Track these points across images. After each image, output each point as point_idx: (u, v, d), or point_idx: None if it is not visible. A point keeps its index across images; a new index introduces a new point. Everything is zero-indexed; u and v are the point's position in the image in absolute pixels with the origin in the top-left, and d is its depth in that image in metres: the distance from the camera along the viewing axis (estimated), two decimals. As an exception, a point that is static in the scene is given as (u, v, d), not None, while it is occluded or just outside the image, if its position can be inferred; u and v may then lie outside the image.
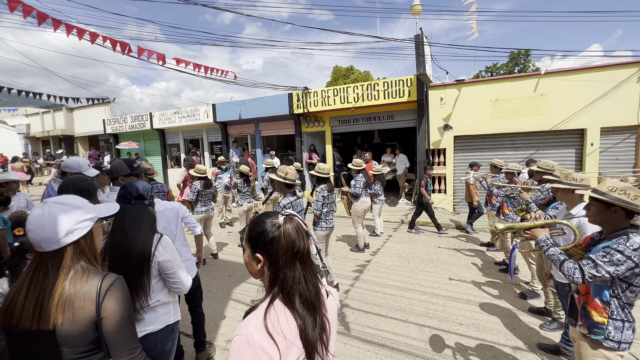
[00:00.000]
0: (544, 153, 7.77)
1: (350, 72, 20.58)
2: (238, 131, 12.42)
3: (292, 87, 10.35)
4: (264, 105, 11.00)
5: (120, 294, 1.15)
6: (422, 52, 7.27)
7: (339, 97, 9.51)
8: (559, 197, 2.68)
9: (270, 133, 11.86)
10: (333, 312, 1.02)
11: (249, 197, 6.11)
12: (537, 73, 7.66)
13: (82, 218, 1.12)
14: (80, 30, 5.00)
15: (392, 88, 8.71)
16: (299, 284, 0.88)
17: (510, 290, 4.07)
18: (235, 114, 11.58)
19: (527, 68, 28.20)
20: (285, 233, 0.89)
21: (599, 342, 1.72)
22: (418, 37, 7.37)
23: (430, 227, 7.25)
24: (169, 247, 1.70)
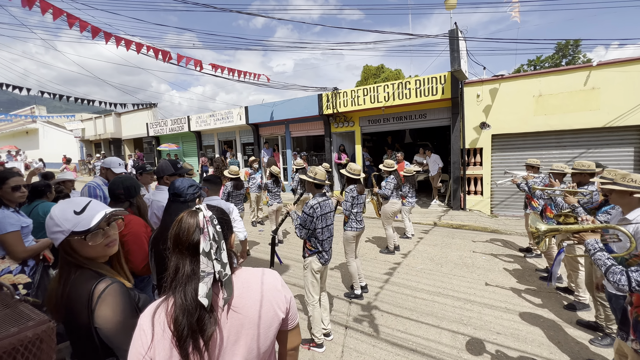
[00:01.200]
0: (595, 152, 7.10)
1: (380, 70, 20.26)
2: (269, 132, 12.73)
3: (321, 87, 10.42)
4: (294, 107, 11.17)
5: (112, 300, 1.09)
6: (456, 47, 6.97)
7: (369, 96, 9.41)
8: (612, 200, 2.42)
9: (300, 134, 12.02)
10: (254, 311, 0.93)
11: (279, 197, 6.24)
12: (588, 65, 7.02)
13: (53, 230, 1.12)
14: (127, 42, 5.42)
15: (425, 86, 8.44)
16: (180, 275, 0.87)
17: (555, 300, 3.77)
18: (266, 116, 11.89)
19: (577, 60, 25.94)
20: (175, 223, 0.93)
21: None
22: (452, 32, 7.08)
23: (466, 231, 6.92)
24: None
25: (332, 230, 3.11)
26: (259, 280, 1.01)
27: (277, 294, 1.01)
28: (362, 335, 3.21)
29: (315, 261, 2.98)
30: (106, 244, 1.20)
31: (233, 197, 5.29)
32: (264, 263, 5.26)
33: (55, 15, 4.33)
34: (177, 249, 0.90)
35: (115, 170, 3.08)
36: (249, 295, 0.95)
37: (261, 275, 1.04)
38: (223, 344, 0.90)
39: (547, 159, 7.36)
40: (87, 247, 1.14)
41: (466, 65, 7.70)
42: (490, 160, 8.11)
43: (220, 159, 11.78)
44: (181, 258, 0.89)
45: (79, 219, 1.13)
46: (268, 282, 1.01)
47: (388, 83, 9.14)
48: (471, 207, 8.38)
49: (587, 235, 1.79)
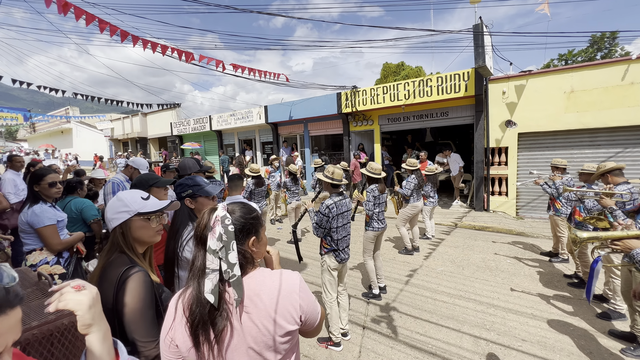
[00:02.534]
0: (633, 151, 6.64)
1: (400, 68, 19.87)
2: (288, 131, 12.83)
3: (340, 86, 10.37)
4: (312, 106, 11.19)
5: (135, 286, 1.16)
6: (481, 42, 6.73)
7: (388, 94, 9.26)
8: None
9: (319, 133, 12.03)
10: (262, 320, 0.91)
11: (298, 195, 6.27)
12: (626, 58, 6.56)
13: (120, 210, 1.26)
14: (153, 44, 5.62)
15: (447, 83, 8.20)
16: (195, 267, 0.94)
17: (587, 307, 3.57)
18: (285, 115, 11.98)
19: (613, 53, 24.34)
20: (200, 217, 0.99)
21: None
22: (477, 27, 6.83)
23: (489, 233, 6.68)
24: None
25: (348, 229, 3.10)
26: (275, 286, 0.97)
27: (290, 304, 0.95)
28: (379, 336, 3.18)
29: (331, 259, 2.98)
30: (157, 230, 1.33)
31: (255, 194, 5.38)
32: (283, 260, 5.32)
33: (88, 21, 4.56)
34: (196, 242, 0.98)
35: (142, 172, 3.24)
36: (262, 301, 0.93)
37: (279, 278, 0.99)
38: (233, 341, 0.91)
39: (579, 159, 6.96)
40: (143, 229, 1.29)
41: (491, 61, 7.42)
42: (516, 160, 7.77)
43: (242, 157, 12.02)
44: (198, 251, 0.96)
45: (146, 203, 1.30)
46: (284, 288, 0.97)
47: (408, 81, 8.96)
48: (495, 209, 8.07)
49: (633, 242, 1.67)
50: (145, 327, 1.14)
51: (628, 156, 6.61)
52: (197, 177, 1.97)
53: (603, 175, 3.35)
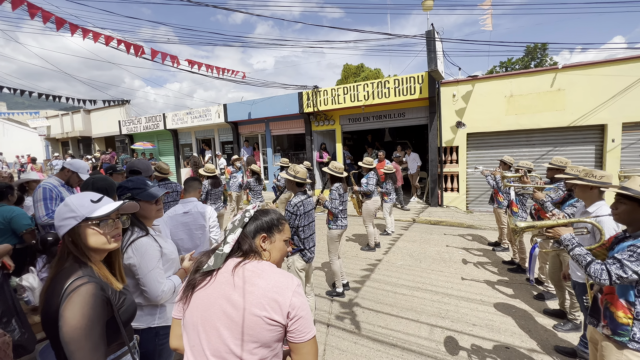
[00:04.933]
0: (561, 150, 7.53)
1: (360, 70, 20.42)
2: (249, 131, 12.53)
3: (302, 86, 10.38)
4: (274, 105, 11.06)
5: (79, 300, 1.04)
6: (433, 48, 7.15)
7: (349, 95, 9.47)
8: (577, 194, 2.60)
9: (281, 132, 11.92)
10: (259, 294, 0.99)
11: (261, 196, 6.16)
12: (554, 67, 7.42)
13: (66, 215, 1.16)
14: (95, 34, 5.14)
15: (403, 85, 8.60)
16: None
17: (526, 290, 3.97)
18: (246, 114, 11.69)
19: (544, 62, 27.35)
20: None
21: (624, 343, 1.65)
22: (429, 33, 7.25)
23: (443, 226, 7.14)
24: (140, 251, 1.61)
25: (313, 227, 3.11)
26: (274, 275, 1.04)
27: (282, 295, 1.00)
28: (344, 333, 3.24)
29: (298, 259, 2.97)
30: (113, 235, 1.23)
31: (212, 195, 5.18)
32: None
33: (14, 5, 4.03)
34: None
35: (82, 177, 2.91)
36: (254, 282, 1.01)
37: (281, 274, 1.06)
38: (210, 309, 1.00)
39: (518, 157, 7.72)
40: (94, 236, 1.19)
41: (442, 66, 7.92)
42: (465, 158, 8.40)
43: (198, 157, 11.48)
44: None
45: (95, 206, 1.20)
46: (281, 280, 1.03)
47: (368, 82, 9.24)
48: (448, 204, 8.66)
49: (561, 230, 1.88)
50: (86, 348, 1.01)
51: (557, 154, 7.48)
52: (139, 178, 1.82)
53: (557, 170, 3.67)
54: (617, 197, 1.73)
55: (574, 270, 2.61)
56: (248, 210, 1.15)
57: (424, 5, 7.99)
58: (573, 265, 2.62)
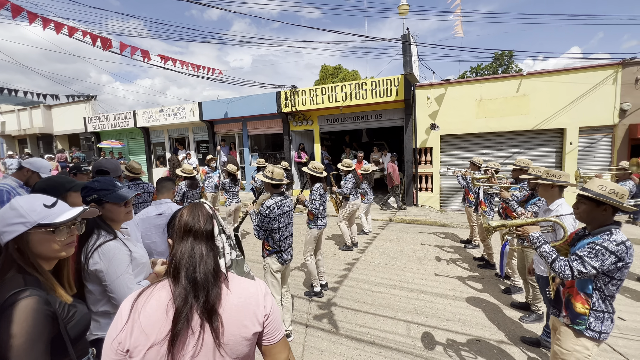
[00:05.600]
0: (526, 152, 8.00)
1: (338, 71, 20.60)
2: (225, 130, 12.26)
3: (280, 85, 10.30)
4: (251, 104, 10.89)
5: (19, 316, 0.95)
6: (409, 52, 7.35)
7: (327, 96, 9.51)
8: (540, 193, 2.77)
9: (258, 132, 11.76)
10: (229, 315, 0.91)
11: (237, 197, 6.04)
12: (519, 74, 7.87)
13: (13, 221, 1.04)
14: (58, 24, 4.81)
15: (380, 87, 8.77)
16: (186, 259, 0.92)
17: (494, 285, 4.18)
18: (222, 113, 11.42)
19: (511, 69, 28.94)
20: (181, 215, 0.99)
21: (581, 332, 1.78)
22: (405, 37, 7.44)
23: (418, 225, 7.35)
24: (108, 256, 1.53)
25: (291, 229, 3.09)
26: (241, 287, 1.00)
27: (256, 305, 0.98)
28: (322, 333, 3.24)
29: (273, 261, 2.94)
30: (67, 242, 1.14)
31: (189, 197, 5.00)
32: (221, 266, 5.06)
33: (-38, -12, 3.68)
34: (182, 233, 0.96)
35: (43, 176, 2.71)
36: (228, 299, 0.94)
37: (245, 281, 1.03)
38: (227, 329, 0.92)
39: (487, 158, 8.10)
40: (46, 244, 1.09)
41: (417, 69, 8.16)
42: (439, 159, 8.71)
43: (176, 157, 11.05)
44: (184, 240, 0.95)
45: (49, 212, 1.09)
46: (250, 290, 1.00)
47: (345, 83, 9.33)
48: (423, 203, 8.93)
49: (529, 228, 1.99)
50: None
51: (523, 155, 7.93)
52: (107, 179, 1.72)
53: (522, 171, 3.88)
54: (578, 198, 1.86)
55: (538, 264, 2.78)
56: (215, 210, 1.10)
57: (400, 9, 8.20)
58: (537, 260, 2.79)
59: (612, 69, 7.10)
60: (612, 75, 7.10)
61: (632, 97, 7.03)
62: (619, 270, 1.68)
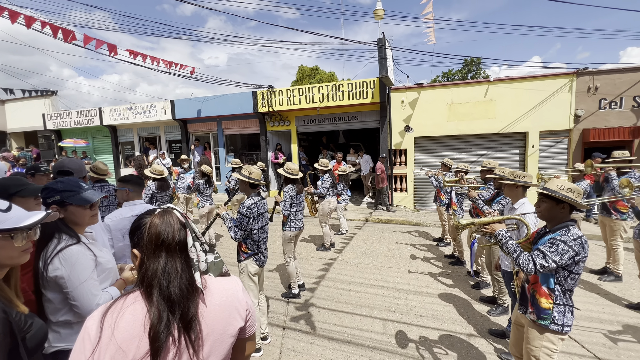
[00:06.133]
0: (493, 153, 8.44)
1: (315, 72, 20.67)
2: (199, 129, 11.90)
3: (256, 85, 10.16)
4: (227, 103, 10.65)
5: None
6: (384, 55, 7.52)
7: (304, 96, 9.51)
8: (505, 192, 2.94)
9: (234, 132, 11.53)
10: (215, 316, 0.91)
11: (211, 199, 5.88)
12: (486, 80, 8.30)
13: None
14: (13, 13, 4.45)
15: (356, 89, 8.90)
16: (160, 276, 0.85)
17: (464, 281, 4.37)
18: (195, 111, 11.08)
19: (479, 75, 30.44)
20: (151, 225, 0.89)
21: (546, 326, 1.90)
22: (380, 40, 7.61)
23: (393, 225, 7.53)
24: (70, 261, 1.45)
25: (267, 230, 3.06)
26: (220, 286, 0.98)
27: (237, 301, 0.97)
28: (299, 334, 3.23)
29: (251, 264, 2.89)
30: (25, 249, 1.08)
31: (157, 198, 4.79)
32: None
33: None
34: (154, 247, 0.88)
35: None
36: (211, 301, 0.92)
37: (222, 280, 1.01)
38: (208, 334, 0.89)
39: (458, 159, 8.46)
40: (3, 251, 1.03)
41: (392, 73, 8.37)
42: (413, 160, 8.98)
43: (142, 157, 10.56)
44: (156, 255, 0.87)
45: (5, 216, 1.02)
46: (229, 288, 0.99)
47: (323, 84, 9.39)
48: (397, 203, 9.16)
49: (496, 226, 2.11)
50: None
51: (490, 157, 8.36)
52: (71, 179, 1.61)
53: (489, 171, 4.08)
54: (540, 197, 1.99)
55: (503, 260, 2.95)
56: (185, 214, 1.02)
57: (376, 14, 8.38)
58: (502, 256, 2.95)
59: (568, 77, 7.68)
60: (568, 83, 7.67)
61: (585, 104, 7.64)
62: (576, 264, 1.82)
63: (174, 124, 11.95)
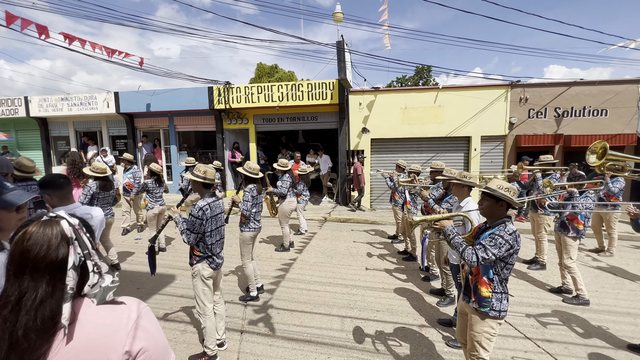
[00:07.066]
0: (442, 156, 9.10)
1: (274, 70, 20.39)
2: (148, 125, 11.05)
3: (213, 80, 9.72)
4: (180, 98, 10.03)
5: None
6: (343, 58, 7.68)
7: (263, 94, 9.34)
8: (453, 192, 3.19)
9: (188, 128, 10.91)
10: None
11: (161, 200, 5.50)
12: (436, 87, 8.92)
13: None
14: None
15: (316, 90, 8.97)
16: (10, 306, 0.69)
17: (417, 275, 4.64)
18: (143, 105, 10.26)
19: (429, 82, 32.59)
20: (21, 238, 0.73)
21: (486, 313, 2.10)
22: (340, 43, 7.76)
23: (351, 224, 7.73)
24: None
25: (222, 232, 2.94)
26: (97, 320, 0.77)
27: (111, 344, 0.76)
28: (258, 337, 3.16)
29: (205, 267, 2.75)
30: None
31: (99, 200, 4.34)
32: (141, 276, 4.54)
33: None
34: (16, 267, 0.72)
35: None
36: (74, 341, 0.73)
37: (104, 312, 0.79)
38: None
39: (410, 161, 8.97)
40: None
41: (351, 75, 8.59)
42: (370, 161, 9.31)
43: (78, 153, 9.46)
44: (17, 277, 0.71)
45: None
46: (109, 324, 0.77)
47: (282, 83, 9.30)
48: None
49: (445, 222, 2.28)
50: None
51: (439, 159, 8.99)
52: None
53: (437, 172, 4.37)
54: (482, 196, 2.19)
55: (451, 254, 3.19)
56: (82, 225, 0.83)
57: (335, 16, 8.52)
58: (450, 250, 3.20)
59: (504, 88, 8.57)
60: (504, 94, 8.56)
61: (517, 113, 8.59)
62: (511, 256, 2.04)
63: (119, 118, 10.94)
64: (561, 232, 3.96)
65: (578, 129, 8.35)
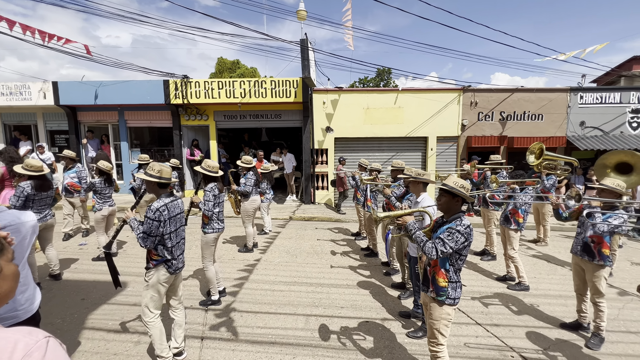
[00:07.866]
0: (401, 155, 9.49)
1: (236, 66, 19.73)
2: (94, 119, 10.10)
3: (169, 73, 9.13)
4: (131, 90, 9.29)
5: None
6: (307, 56, 7.66)
7: (224, 90, 8.99)
8: (411, 189, 3.34)
9: (141, 124, 10.16)
10: None
11: (111, 200, 5.06)
12: (396, 89, 9.28)
13: None
14: None
15: (279, 87, 8.86)
16: None
17: (379, 270, 4.80)
18: (89, 97, 9.35)
19: (390, 84, 33.85)
20: None
21: (443, 301, 2.24)
22: (303, 41, 7.73)
23: (315, 222, 7.77)
24: None
25: (182, 233, 2.78)
26: None
27: None
28: (220, 343, 3.04)
29: (162, 271, 2.58)
30: None
31: (35, 202, 3.86)
32: (87, 285, 4.14)
33: None
34: None
35: None
36: None
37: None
38: None
39: (372, 159, 9.23)
40: None
41: (315, 74, 8.61)
42: (333, 160, 9.42)
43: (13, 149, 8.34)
44: None
45: None
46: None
47: (245, 80, 9.04)
48: (319, 201, 9.49)
49: (407, 218, 2.37)
50: None
51: (399, 158, 9.37)
52: None
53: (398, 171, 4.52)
54: (440, 192, 2.32)
55: (411, 247, 3.34)
56: None
57: (299, 14, 8.46)
58: (411, 244, 3.35)
59: (457, 92, 9.18)
60: (457, 97, 9.16)
61: (469, 116, 9.24)
62: (465, 248, 2.18)
63: (58, 110, 9.85)
64: (505, 225, 4.35)
65: (519, 131, 9.22)
